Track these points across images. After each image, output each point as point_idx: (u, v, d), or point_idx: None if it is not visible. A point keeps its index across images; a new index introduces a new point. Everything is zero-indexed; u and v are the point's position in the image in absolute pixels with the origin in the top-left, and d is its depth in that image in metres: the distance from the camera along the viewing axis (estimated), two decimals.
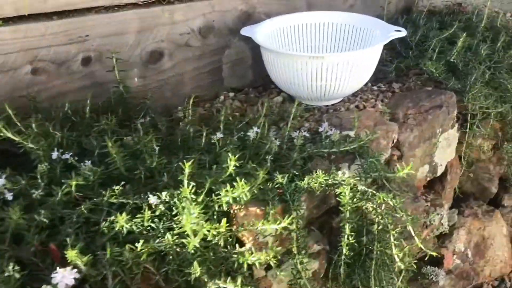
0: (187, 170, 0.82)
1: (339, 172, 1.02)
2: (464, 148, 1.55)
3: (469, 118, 1.50)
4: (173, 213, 0.85)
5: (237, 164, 0.88)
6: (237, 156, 0.90)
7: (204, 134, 1.03)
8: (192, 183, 0.84)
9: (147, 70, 1.35)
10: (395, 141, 1.28)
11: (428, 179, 1.49)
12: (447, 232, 1.49)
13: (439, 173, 1.51)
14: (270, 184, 0.97)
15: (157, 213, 0.86)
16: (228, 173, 0.87)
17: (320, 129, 1.16)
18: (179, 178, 0.84)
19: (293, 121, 1.31)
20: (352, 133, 1.19)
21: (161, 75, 1.38)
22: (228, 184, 0.87)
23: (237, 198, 0.83)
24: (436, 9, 2.00)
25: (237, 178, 0.84)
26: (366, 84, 1.57)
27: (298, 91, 1.36)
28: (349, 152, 1.15)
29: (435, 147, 1.45)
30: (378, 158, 1.14)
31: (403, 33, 1.37)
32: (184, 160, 0.87)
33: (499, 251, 1.68)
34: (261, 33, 1.43)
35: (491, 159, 1.70)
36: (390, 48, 1.74)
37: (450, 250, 1.59)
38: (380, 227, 1.02)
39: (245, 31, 1.40)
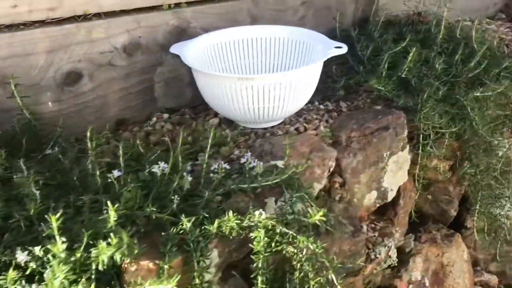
0: (54, 224, 0.70)
1: (257, 212, 0.90)
2: (418, 170, 1.44)
3: (421, 138, 1.39)
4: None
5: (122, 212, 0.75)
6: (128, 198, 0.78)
7: (99, 172, 0.91)
8: (63, 238, 0.72)
9: (63, 93, 1.22)
10: (331, 169, 1.17)
11: (378, 205, 1.38)
12: (396, 265, 1.38)
13: (389, 199, 1.39)
14: (174, 230, 0.86)
15: (28, 272, 0.74)
16: (110, 224, 0.75)
17: (242, 160, 1.04)
18: (45, 234, 0.72)
19: (225, 148, 1.20)
20: (281, 163, 1.08)
21: (80, 98, 1.26)
22: (112, 235, 0.75)
23: (116, 255, 0.71)
24: (396, 19, 1.89)
25: (120, 230, 0.72)
26: (312, 103, 1.47)
27: (231, 113, 1.24)
28: (278, 184, 1.04)
29: (383, 172, 1.33)
30: (307, 191, 1.02)
31: (342, 50, 1.26)
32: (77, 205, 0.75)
33: (459, 279, 1.57)
34: (194, 49, 1.32)
35: (451, 179, 1.59)
36: (342, 62, 1.63)
37: (405, 280, 1.47)
38: (302, 274, 0.90)
39: (174, 48, 1.29)
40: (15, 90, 1.06)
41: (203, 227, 0.87)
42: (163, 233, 0.85)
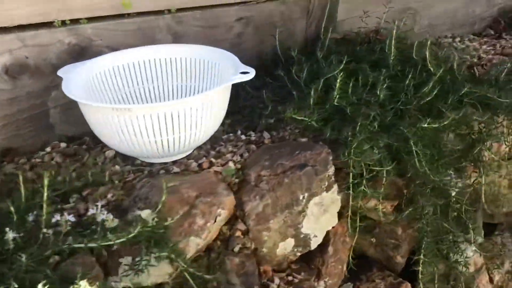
0: None
1: (82, 283, 0.73)
2: (350, 213, 1.25)
3: (351, 177, 1.20)
4: None
5: None
6: None
7: None
8: None
9: None
10: (218, 218, 0.99)
11: (299, 254, 1.19)
12: None
13: (314, 246, 1.21)
14: None
15: None
16: None
17: (89, 213, 0.87)
18: None
19: (104, 188, 1.03)
20: (146, 213, 0.90)
21: None
22: None
23: None
24: (356, 37, 1.70)
25: None
26: (235, 132, 1.29)
27: (114, 147, 1.08)
28: (136, 240, 0.86)
29: (301, 216, 1.15)
30: (174, 248, 0.85)
31: (248, 75, 1.08)
32: None
33: None
34: (87, 72, 1.16)
35: (399, 221, 1.39)
36: (280, 85, 1.45)
37: None
38: None
39: (63, 71, 1.13)
40: None
41: None
42: None
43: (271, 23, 1.57)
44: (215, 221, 0.97)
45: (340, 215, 1.25)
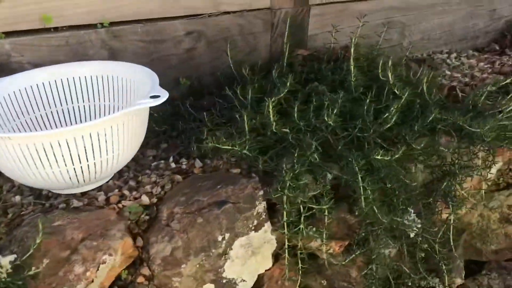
0: None
1: None
2: (286, 255, 1.10)
3: (284, 215, 1.05)
4: None
5: None
6: None
7: None
8: None
9: None
10: (102, 265, 0.86)
11: None
12: None
13: None
14: None
15: None
16: None
17: None
18: None
19: None
20: (9, 259, 0.78)
21: None
22: None
23: None
24: (327, 52, 1.56)
25: None
26: (166, 159, 1.17)
27: (15, 177, 0.97)
28: None
29: (222, 259, 1.01)
30: None
31: (157, 100, 0.95)
32: None
33: None
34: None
35: (354, 261, 1.24)
36: (232, 106, 1.32)
37: None
38: None
39: None
40: None
41: None
42: None
43: (227, 37, 1.45)
44: (98, 269, 0.84)
45: (279, 256, 1.11)
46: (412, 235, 1.18)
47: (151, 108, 1.26)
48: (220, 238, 0.99)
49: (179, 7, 1.34)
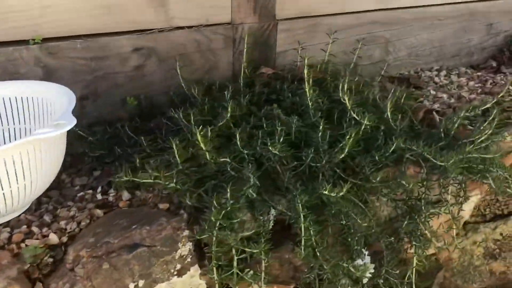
0: None
1: None
2: None
3: (213, 258, 0.93)
4: None
5: None
6: None
7: None
8: None
9: None
10: None
11: None
12: None
13: None
14: None
15: None
16: None
17: None
18: None
19: None
20: None
21: None
22: None
23: None
24: (284, 72, 1.44)
25: None
26: (94, 188, 1.07)
27: None
28: None
29: None
30: None
31: (57, 131, 0.84)
32: None
33: None
34: None
35: None
36: (180, 129, 1.21)
37: None
38: None
39: None
40: None
41: None
42: None
43: (184, 54, 1.34)
44: None
45: None
46: (364, 281, 1.05)
47: (84, 131, 1.16)
48: (132, 286, 0.87)
49: (125, 22, 1.24)
